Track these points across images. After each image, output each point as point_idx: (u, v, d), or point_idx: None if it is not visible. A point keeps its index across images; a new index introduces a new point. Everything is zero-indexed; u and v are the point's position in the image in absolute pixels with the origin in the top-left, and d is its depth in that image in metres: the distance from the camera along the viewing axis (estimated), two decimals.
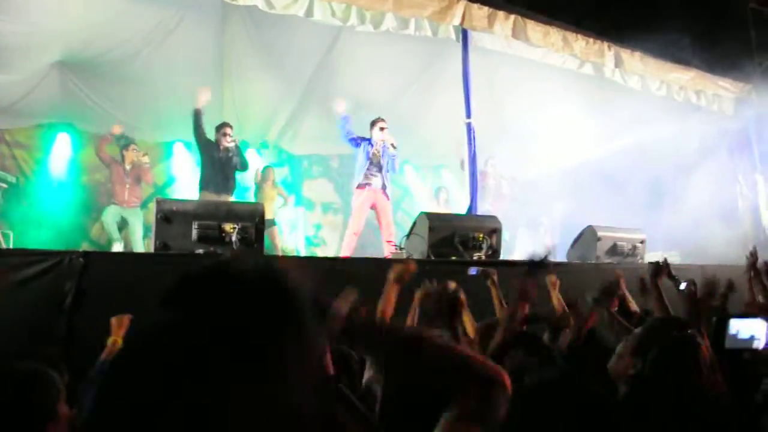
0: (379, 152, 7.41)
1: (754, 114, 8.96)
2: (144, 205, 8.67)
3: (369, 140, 7.47)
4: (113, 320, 3.02)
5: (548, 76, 8.01)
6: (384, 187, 7.47)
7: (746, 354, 2.75)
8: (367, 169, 7.39)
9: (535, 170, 11.01)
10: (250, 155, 9.81)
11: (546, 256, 3.06)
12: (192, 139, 7.91)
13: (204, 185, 7.58)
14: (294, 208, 10.27)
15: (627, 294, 4.24)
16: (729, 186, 8.26)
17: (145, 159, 8.25)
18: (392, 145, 7.40)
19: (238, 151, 7.71)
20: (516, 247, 9.75)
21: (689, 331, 2.31)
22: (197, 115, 7.33)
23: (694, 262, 6.48)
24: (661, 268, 3.67)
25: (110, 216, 8.11)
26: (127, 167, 8.18)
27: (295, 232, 10.23)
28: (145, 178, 8.29)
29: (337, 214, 10.45)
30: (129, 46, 7.57)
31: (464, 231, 5.83)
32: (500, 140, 9.16)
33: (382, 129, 7.43)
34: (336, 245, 10.02)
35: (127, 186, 8.12)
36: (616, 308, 3.75)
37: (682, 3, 8.41)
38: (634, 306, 4.14)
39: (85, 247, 8.58)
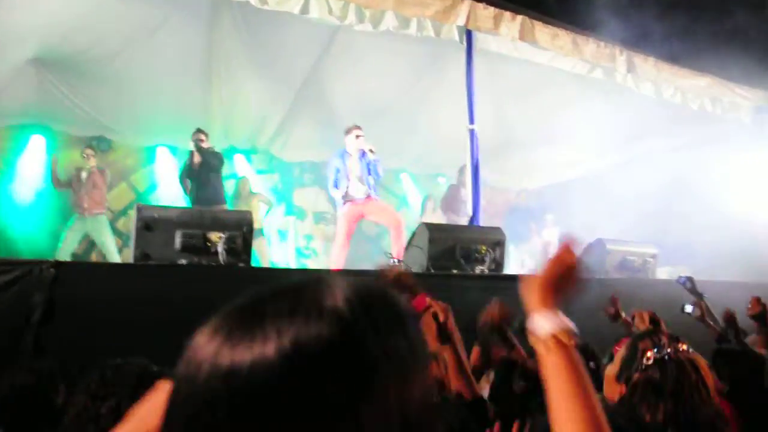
0: (356, 162, 6.81)
1: None
2: (124, 212, 8.48)
3: (343, 151, 6.89)
4: None
5: (556, 80, 7.71)
6: (368, 196, 6.82)
7: None
8: (347, 181, 6.79)
9: (540, 179, 10.70)
10: (239, 161, 9.47)
11: None
12: (176, 143, 7.80)
13: (193, 201, 7.59)
14: (284, 218, 9.87)
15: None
16: (746, 198, 7.97)
17: (93, 162, 7.93)
18: (370, 150, 6.76)
19: (216, 153, 7.65)
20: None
21: (681, 348, 2.02)
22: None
23: (708, 278, 6.17)
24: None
25: (72, 228, 7.79)
26: (83, 175, 7.85)
27: (285, 243, 9.80)
28: (99, 182, 7.91)
29: (329, 224, 10.01)
30: (110, 44, 7.17)
31: (466, 243, 5.54)
32: (504, 148, 8.82)
33: (357, 137, 6.80)
34: (328, 256, 9.60)
35: (85, 193, 7.78)
36: None
37: (697, 7, 8.14)
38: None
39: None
